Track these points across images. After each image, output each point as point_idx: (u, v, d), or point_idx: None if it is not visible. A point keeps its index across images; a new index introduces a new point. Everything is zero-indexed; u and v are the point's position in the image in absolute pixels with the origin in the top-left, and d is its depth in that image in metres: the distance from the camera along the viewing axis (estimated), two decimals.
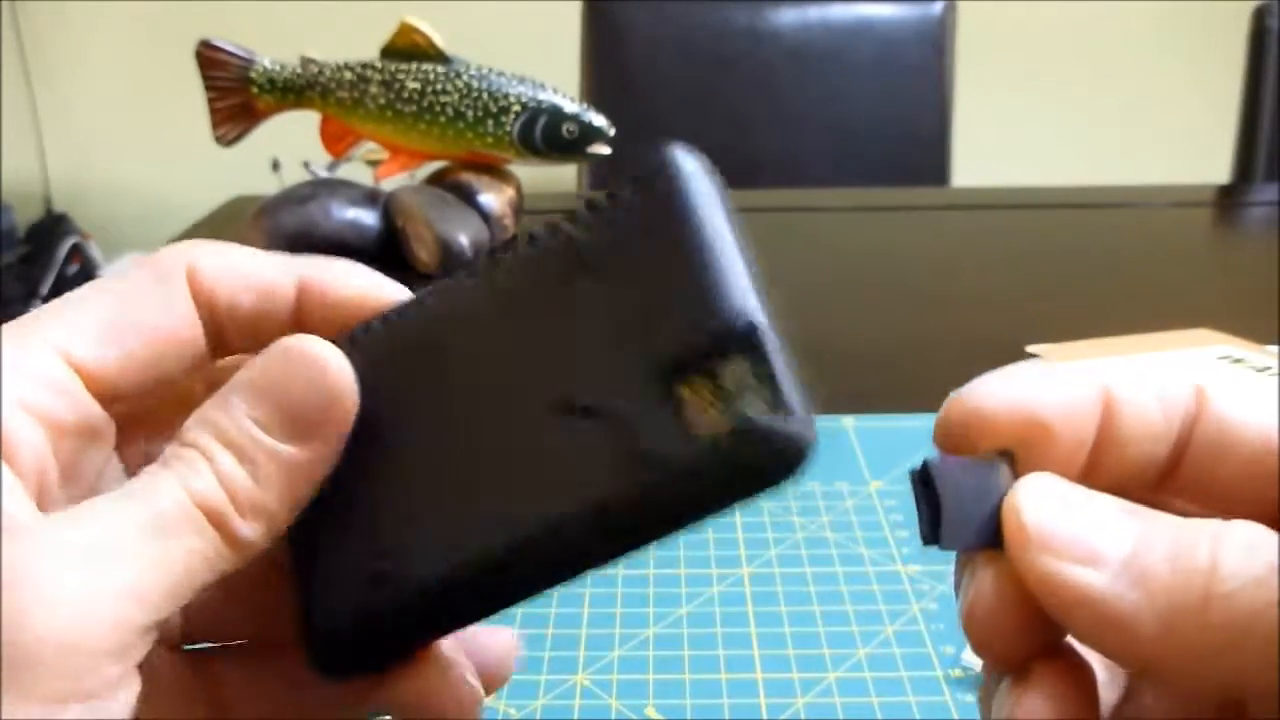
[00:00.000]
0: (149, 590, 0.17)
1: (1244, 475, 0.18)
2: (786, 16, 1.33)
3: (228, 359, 0.22)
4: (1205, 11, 1.85)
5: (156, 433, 0.22)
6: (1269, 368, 0.48)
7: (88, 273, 2.03)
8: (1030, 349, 0.52)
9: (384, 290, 0.22)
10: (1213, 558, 0.15)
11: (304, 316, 0.22)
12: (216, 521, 0.18)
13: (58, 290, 1.95)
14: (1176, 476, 0.19)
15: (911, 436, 0.46)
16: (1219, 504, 0.18)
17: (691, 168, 0.20)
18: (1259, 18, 1.18)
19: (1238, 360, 0.49)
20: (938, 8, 1.33)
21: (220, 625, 0.23)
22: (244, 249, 0.22)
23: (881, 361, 0.54)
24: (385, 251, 0.70)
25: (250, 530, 0.19)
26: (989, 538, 0.18)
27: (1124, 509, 0.17)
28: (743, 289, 0.18)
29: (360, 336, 0.21)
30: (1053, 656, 0.18)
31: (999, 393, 0.19)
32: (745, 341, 0.17)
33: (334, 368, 0.19)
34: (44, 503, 0.19)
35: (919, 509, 0.18)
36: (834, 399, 0.50)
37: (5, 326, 0.20)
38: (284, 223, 0.70)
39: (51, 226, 2.08)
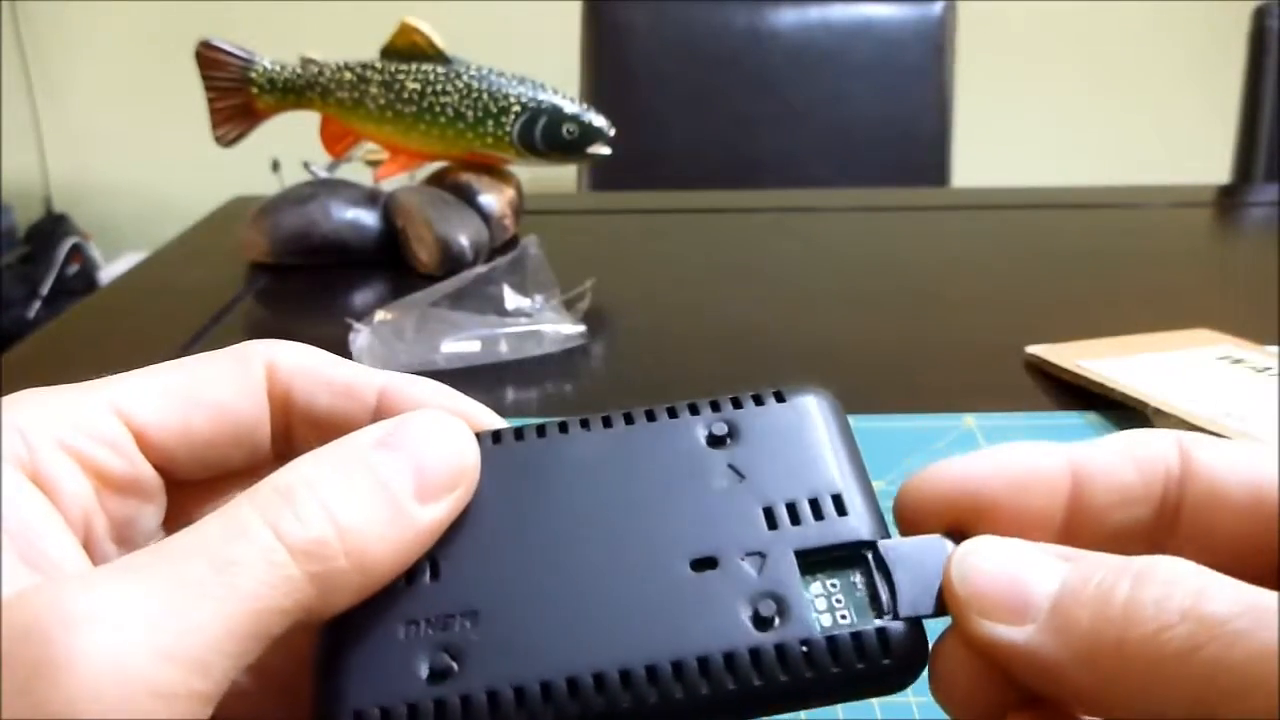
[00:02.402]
0: (210, 653, 0.15)
1: (1237, 529, 0.18)
2: (786, 16, 1.33)
3: None
4: (1205, 11, 1.85)
5: (203, 507, 0.21)
6: (1269, 368, 0.48)
7: (88, 273, 2.03)
8: (1030, 349, 0.52)
9: (468, 411, 0.21)
10: (1128, 602, 0.15)
11: None
12: (313, 567, 0.16)
13: (58, 290, 1.95)
14: (1176, 534, 0.19)
15: (912, 436, 0.46)
16: (1221, 558, 0.18)
17: (830, 401, 0.21)
18: (1259, 18, 1.18)
19: (1238, 360, 0.49)
20: (938, 8, 1.33)
21: (249, 707, 0.20)
22: (325, 353, 0.22)
23: (881, 361, 0.54)
24: (385, 252, 0.70)
25: (346, 575, 0.17)
26: (939, 607, 0.18)
27: (1056, 555, 0.17)
28: (874, 506, 0.20)
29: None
30: (1028, 708, 0.18)
31: (941, 478, 0.19)
32: (877, 553, 0.19)
33: (468, 436, 0.19)
34: (95, 558, 0.18)
35: (879, 584, 0.19)
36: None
37: (77, 384, 0.19)
38: (284, 223, 0.70)
39: (51, 226, 2.08)
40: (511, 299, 0.56)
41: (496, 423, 0.22)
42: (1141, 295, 0.63)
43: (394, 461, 0.18)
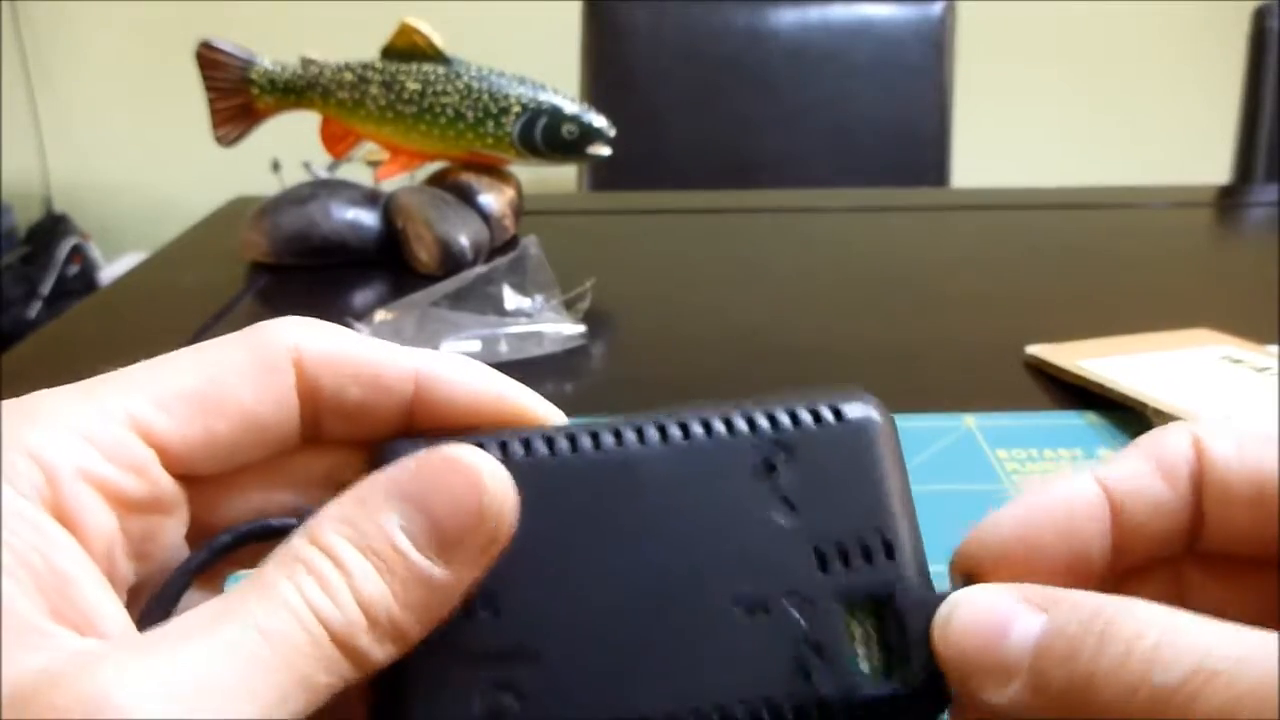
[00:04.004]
0: (271, 710, 0.15)
1: (1246, 521, 0.19)
2: (786, 16, 1.33)
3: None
4: (1205, 11, 1.85)
5: (220, 498, 0.20)
6: (1269, 368, 0.48)
7: (88, 273, 2.03)
8: (1030, 349, 0.52)
9: (508, 393, 0.21)
10: (1092, 667, 0.16)
11: (416, 413, 0.20)
12: (345, 645, 0.17)
13: (58, 290, 1.95)
14: (1204, 529, 0.20)
15: (911, 437, 0.46)
16: (1242, 549, 0.19)
17: (885, 420, 0.21)
18: (1259, 18, 1.18)
19: (1238, 360, 0.49)
20: (938, 8, 1.33)
21: None
22: (355, 334, 0.21)
23: (881, 361, 0.54)
24: (385, 252, 0.70)
25: (382, 653, 0.17)
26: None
27: (1034, 604, 0.18)
28: (918, 549, 0.20)
29: (517, 456, 0.20)
30: None
31: (991, 539, 0.20)
32: (921, 602, 0.19)
33: (498, 488, 0.18)
34: (114, 582, 0.18)
35: (916, 635, 0.19)
36: None
37: (87, 383, 0.18)
38: (284, 223, 0.70)
39: (51, 227, 2.08)
40: (511, 299, 0.56)
41: (550, 411, 0.21)
42: (1141, 295, 0.63)
43: (411, 522, 0.17)
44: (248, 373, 0.19)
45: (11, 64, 2.09)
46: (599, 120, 0.69)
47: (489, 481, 0.18)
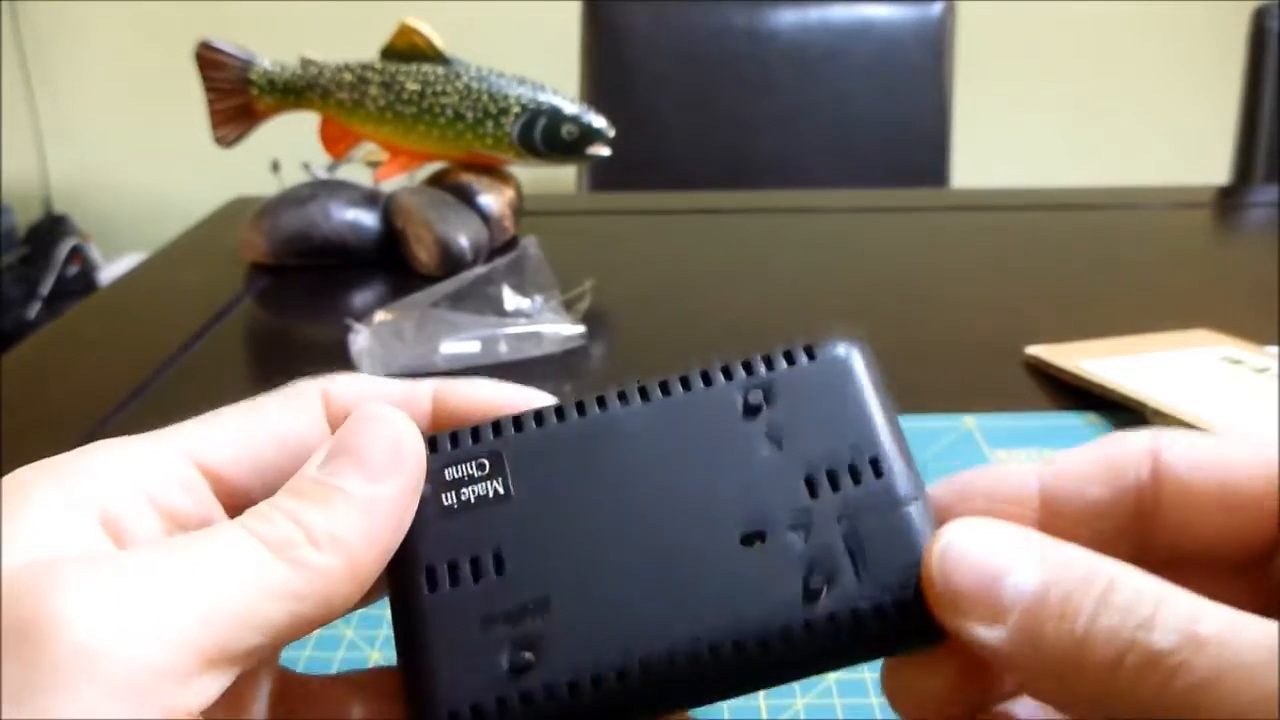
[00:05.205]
0: (213, 616, 0.17)
1: (1209, 522, 0.19)
2: (786, 17, 1.33)
3: None
4: (1205, 11, 1.85)
5: None
6: (1269, 368, 0.48)
7: (87, 273, 2.03)
8: (1030, 349, 0.52)
9: (515, 399, 0.23)
10: (1088, 629, 0.16)
11: (437, 420, 0.23)
12: (284, 553, 0.18)
13: (58, 291, 1.95)
14: (1155, 530, 0.20)
15: (912, 437, 0.46)
16: (1198, 548, 0.20)
17: (861, 352, 0.22)
18: (1259, 18, 1.18)
19: (1237, 361, 0.49)
20: (937, 8, 1.33)
21: None
22: (377, 377, 0.23)
23: (881, 362, 0.54)
24: (385, 252, 0.70)
25: (321, 557, 0.18)
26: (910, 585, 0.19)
27: (1034, 553, 0.18)
28: (909, 464, 0.20)
29: (508, 434, 0.21)
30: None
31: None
32: (916, 514, 0.19)
33: (397, 421, 0.20)
34: None
35: (917, 544, 0.19)
36: None
37: (147, 434, 0.21)
38: (284, 223, 0.70)
39: (51, 227, 2.08)
40: (511, 299, 0.56)
41: (545, 401, 0.22)
42: (1141, 295, 0.63)
43: (338, 466, 0.20)
44: (282, 403, 0.22)
45: (11, 64, 2.09)
46: (598, 120, 0.69)
47: (391, 418, 0.20)
